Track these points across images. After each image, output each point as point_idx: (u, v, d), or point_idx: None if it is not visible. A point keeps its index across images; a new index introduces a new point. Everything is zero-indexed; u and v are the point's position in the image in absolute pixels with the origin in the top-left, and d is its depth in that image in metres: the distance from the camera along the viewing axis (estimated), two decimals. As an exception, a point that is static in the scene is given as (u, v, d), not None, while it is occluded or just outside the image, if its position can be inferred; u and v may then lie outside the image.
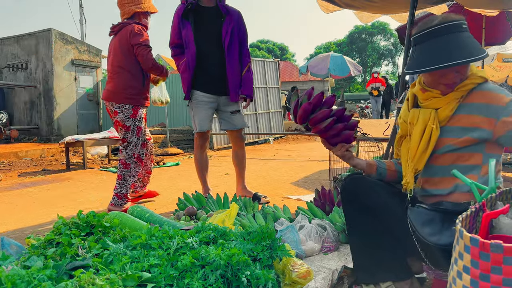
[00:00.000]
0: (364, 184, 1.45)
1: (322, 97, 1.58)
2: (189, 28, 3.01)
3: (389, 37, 39.34)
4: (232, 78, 3.08)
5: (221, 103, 3.19)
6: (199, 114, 3.11)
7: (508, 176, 4.33)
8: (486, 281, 0.84)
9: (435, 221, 1.29)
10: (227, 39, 3.03)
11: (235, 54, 3.09)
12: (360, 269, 1.50)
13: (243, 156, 3.36)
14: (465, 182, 1.18)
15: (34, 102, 11.00)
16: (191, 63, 3.02)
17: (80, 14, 14.20)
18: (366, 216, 1.42)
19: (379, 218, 1.40)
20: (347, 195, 1.48)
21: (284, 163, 6.08)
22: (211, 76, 3.08)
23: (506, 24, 5.88)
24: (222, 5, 3.08)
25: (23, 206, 3.52)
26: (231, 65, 3.07)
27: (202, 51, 3.04)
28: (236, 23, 3.08)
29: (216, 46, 3.06)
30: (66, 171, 5.88)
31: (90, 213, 1.88)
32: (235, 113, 3.21)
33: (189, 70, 3.03)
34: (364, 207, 1.42)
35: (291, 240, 1.92)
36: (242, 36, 3.15)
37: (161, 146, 8.56)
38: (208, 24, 3.05)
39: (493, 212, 1.01)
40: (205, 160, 3.29)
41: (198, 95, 3.11)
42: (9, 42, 11.28)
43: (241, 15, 3.17)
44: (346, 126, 1.57)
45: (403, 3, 3.81)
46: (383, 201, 1.41)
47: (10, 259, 1.58)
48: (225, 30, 3.03)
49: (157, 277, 1.32)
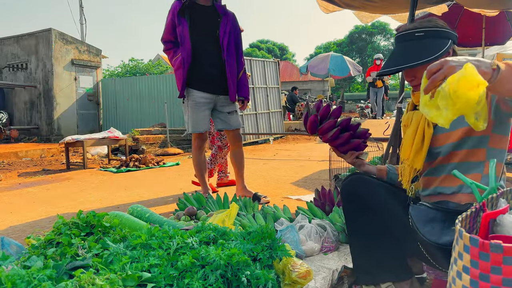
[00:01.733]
0: (364, 184, 1.45)
1: (328, 108, 1.73)
2: (185, 25, 2.99)
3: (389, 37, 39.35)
4: (231, 78, 3.08)
5: (218, 103, 3.17)
6: (195, 115, 3.09)
7: (508, 176, 4.34)
8: (485, 281, 0.84)
9: (436, 220, 1.29)
10: (225, 39, 3.02)
11: (233, 54, 3.10)
12: (360, 270, 1.50)
13: (241, 155, 3.36)
14: (465, 182, 1.18)
15: (34, 102, 11.01)
16: (186, 60, 3.00)
17: (80, 14, 14.22)
18: (366, 216, 1.42)
19: (379, 218, 1.40)
20: (346, 195, 1.48)
21: (284, 163, 6.08)
22: (208, 75, 3.06)
23: (506, 24, 5.88)
24: (219, 5, 3.08)
25: (23, 206, 3.52)
26: (229, 65, 3.06)
27: (198, 49, 3.02)
28: (232, 24, 3.09)
29: (213, 45, 3.05)
30: (66, 171, 5.89)
31: (90, 213, 1.89)
32: (232, 113, 3.21)
33: (184, 68, 3.01)
34: (364, 207, 1.42)
35: (291, 240, 1.92)
36: (237, 37, 3.16)
37: (161, 146, 8.57)
38: (205, 23, 3.04)
39: (493, 212, 1.01)
40: (203, 161, 3.29)
41: (195, 94, 3.08)
42: (9, 42, 11.29)
43: (235, 17, 3.17)
44: (354, 135, 1.66)
45: (403, 3, 3.81)
46: (383, 201, 1.41)
47: (10, 259, 1.58)
48: (223, 30, 3.03)
49: (157, 277, 1.32)
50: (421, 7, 4.36)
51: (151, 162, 6.13)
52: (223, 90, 3.13)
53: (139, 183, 4.64)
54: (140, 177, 5.10)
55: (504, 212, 1.01)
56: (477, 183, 1.17)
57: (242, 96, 3.20)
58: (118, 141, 6.76)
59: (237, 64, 3.15)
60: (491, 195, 1.10)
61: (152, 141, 8.60)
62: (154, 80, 11.91)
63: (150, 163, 6.09)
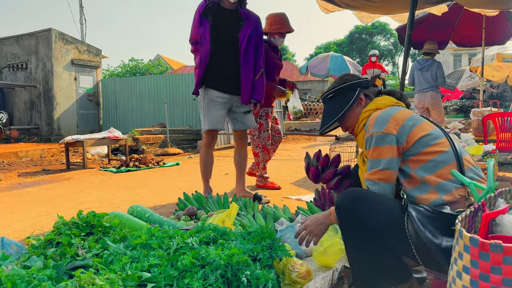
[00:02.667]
0: (358, 197, 1.45)
1: (327, 158, 1.90)
2: (206, 26, 3.05)
3: (389, 37, 39.29)
4: (246, 81, 3.13)
5: (235, 103, 3.22)
6: (212, 113, 3.14)
7: (508, 176, 4.34)
8: (485, 281, 0.85)
9: (435, 221, 1.29)
10: (244, 43, 3.07)
11: (251, 58, 3.14)
12: (360, 279, 1.49)
13: (245, 156, 3.40)
14: (464, 182, 1.19)
15: (34, 102, 11.01)
16: (204, 60, 3.05)
17: (80, 14, 14.22)
18: (362, 228, 1.41)
19: (375, 230, 1.39)
20: (341, 211, 1.46)
21: (284, 163, 6.08)
22: (225, 76, 3.12)
23: (506, 24, 5.89)
24: (243, 11, 3.12)
25: (23, 206, 3.52)
26: (245, 68, 3.11)
27: (217, 50, 3.07)
28: (254, 28, 3.13)
29: (232, 48, 3.09)
30: (66, 171, 5.89)
31: (90, 213, 1.89)
32: (247, 113, 3.28)
33: (201, 67, 3.07)
34: (360, 219, 1.42)
35: (291, 240, 1.92)
36: (258, 41, 3.19)
37: (161, 146, 8.57)
38: (226, 26, 3.09)
39: (493, 212, 1.01)
40: (210, 160, 3.29)
41: (212, 93, 3.13)
42: (9, 42, 11.29)
43: (259, 21, 3.22)
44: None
45: (403, 3, 3.82)
46: (378, 211, 1.41)
47: (10, 259, 1.58)
48: (243, 34, 3.08)
49: (157, 277, 1.32)
50: (421, 7, 4.37)
51: (151, 162, 6.13)
52: (239, 91, 3.18)
53: (139, 183, 4.65)
54: (140, 177, 5.10)
55: (504, 212, 1.01)
56: (475, 183, 1.17)
57: (254, 99, 3.23)
58: (118, 141, 6.76)
59: (255, 67, 3.19)
60: (489, 195, 1.10)
61: (152, 141, 8.60)
62: (154, 80, 11.90)
63: (150, 163, 6.10)
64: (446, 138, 1.46)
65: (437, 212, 1.27)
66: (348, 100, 1.61)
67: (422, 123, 1.48)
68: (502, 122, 4.38)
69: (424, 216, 1.29)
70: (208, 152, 3.26)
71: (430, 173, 1.38)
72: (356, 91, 1.62)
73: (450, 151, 1.41)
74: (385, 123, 1.45)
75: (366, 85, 1.65)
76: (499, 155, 4.81)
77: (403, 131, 1.43)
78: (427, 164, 1.39)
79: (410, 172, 1.42)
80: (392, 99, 1.62)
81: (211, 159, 3.30)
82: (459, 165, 1.38)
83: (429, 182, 1.37)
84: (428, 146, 1.41)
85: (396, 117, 1.46)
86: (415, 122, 1.47)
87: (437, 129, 1.49)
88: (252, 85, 3.18)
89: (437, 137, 1.43)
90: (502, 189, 1.17)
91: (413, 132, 1.43)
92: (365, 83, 1.65)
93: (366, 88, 1.65)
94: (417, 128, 1.44)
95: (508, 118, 4.35)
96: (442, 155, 1.39)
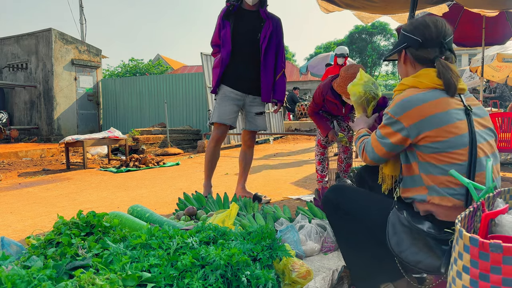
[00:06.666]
0: (345, 193, 1.47)
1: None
2: (228, 29, 3.10)
3: (389, 37, 39.28)
4: (266, 80, 3.16)
5: (247, 102, 3.24)
6: (222, 107, 3.16)
7: (508, 176, 4.34)
8: (485, 281, 0.85)
9: (405, 234, 1.32)
10: (264, 43, 3.11)
11: (271, 58, 3.17)
12: (357, 277, 1.50)
13: (251, 157, 3.41)
14: (462, 181, 1.19)
15: (34, 102, 11.01)
16: (225, 60, 3.10)
17: (80, 14, 14.19)
18: (350, 224, 1.43)
19: (362, 224, 1.41)
20: (329, 206, 1.50)
21: (284, 163, 6.08)
22: (241, 74, 3.15)
23: (506, 24, 5.88)
24: (263, 11, 3.16)
25: (23, 206, 3.52)
26: (265, 67, 3.14)
27: (237, 51, 3.11)
28: (275, 29, 3.17)
29: (253, 47, 3.13)
30: (66, 171, 5.89)
31: (90, 213, 1.89)
32: (260, 114, 3.29)
33: (221, 66, 3.11)
34: (347, 215, 1.44)
35: (291, 240, 1.92)
36: (279, 42, 3.23)
37: (161, 146, 8.57)
38: (247, 26, 3.13)
39: (493, 212, 1.01)
40: (216, 156, 3.27)
41: (226, 89, 3.17)
42: (9, 42, 11.29)
43: (280, 22, 3.25)
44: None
45: (403, 3, 3.82)
46: (364, 208, 1.42)
47: (10, 259, 1.58)
48: (263, 34, 3.12)
49: (157, 277, 1.32)
50: (421, 7, 4.37)
51: (151, 162, 6.13)
52: (254, 91, 3.20)
53: (139, 183, 4.65)
54: (140, 177, 5.10)
55: (504, 212, 1.01)
56: (474, 183, 1.17)
57: (276, 98, 3.26)
58: (118, 141, 6.76)
59: (276, 67, 3.23)
60: (488, 195, 1.10)
61: (152, 141, 8.60)
62: (154, 80, 11.90)
63: (150, 163, 6.10)
64: (470, 147, 1.26)
65: (414, 228, 1.26)
66: (396, 47, 1.50)
67: (448, 125, 1.27)
68: (502, 122, 4.38)
69: (400, 224, 1.30)
70: (215, 148, 3.23)
71: (431, 174, 1.30)
72: (404, 43, 1.45)
73: (464, 165, 1.25)
74: (404, 111, 1.31)
75: (415, 44, 1.41)
76: (499, 155, 4.81)
77: (416, 128, 1.30)
78: (433, 167, 1.29)
79: (412, 162, 1.35)
80: (436, 81, 1.34)
81: (217, 156, 3.27)
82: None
83: (424, 181, 1.31)
84: (440, 153, 1.27)
85: (419, 110, 1.29)
86: (440, 123, 1.27)
87: (463, 135, 1.27)
88: (273, 85, 3.23)
89: (454, 146, 1.26)
90: (501, 189, 1.17)
91: (427, 134, 1.28)
92: (417, 43, 1.40)
93: (411, 47, 1.43)
94: (435, 131, 1.27)
95: (508, 118, 4.35)
96: (452, 166, 1.25)
